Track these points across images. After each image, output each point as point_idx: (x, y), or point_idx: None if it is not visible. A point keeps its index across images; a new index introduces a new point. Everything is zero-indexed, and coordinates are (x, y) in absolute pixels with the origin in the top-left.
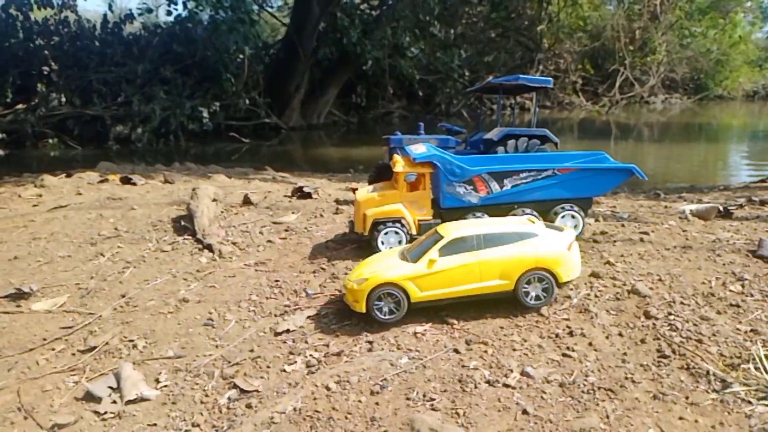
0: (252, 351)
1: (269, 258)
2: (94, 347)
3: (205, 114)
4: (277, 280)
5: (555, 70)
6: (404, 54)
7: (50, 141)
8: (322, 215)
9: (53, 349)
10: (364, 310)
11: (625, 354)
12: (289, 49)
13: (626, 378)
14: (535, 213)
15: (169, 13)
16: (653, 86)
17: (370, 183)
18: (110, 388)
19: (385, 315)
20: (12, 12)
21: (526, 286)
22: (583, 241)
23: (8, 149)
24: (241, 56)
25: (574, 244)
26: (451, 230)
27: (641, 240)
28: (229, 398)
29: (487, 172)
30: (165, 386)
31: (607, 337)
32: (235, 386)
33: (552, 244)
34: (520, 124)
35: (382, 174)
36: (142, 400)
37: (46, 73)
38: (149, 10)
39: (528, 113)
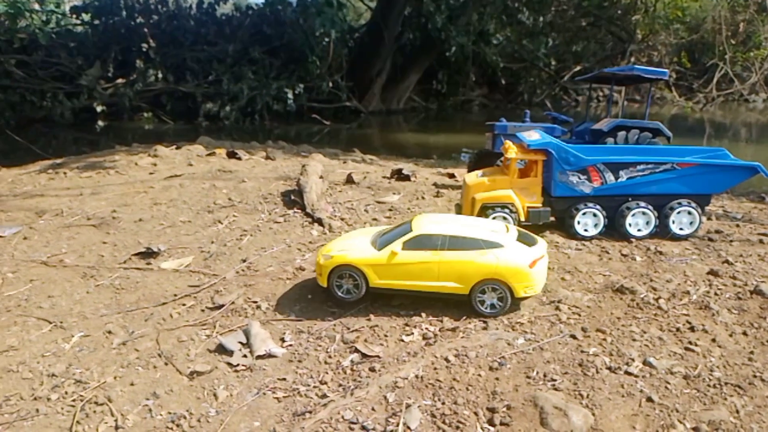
0: (369, 320)
1: None
2: (222, 305)
3: (290, 95)
4: None
5: (647, 62)
6: (489, 41)
7: (145, 115)
8: (423, 197)
9: (184, 305)
10: (325, 285)
11: (751, 353)
12: (373, 34)
13: (755, 376)
14: (649, 207)
15: None
16: (755, 83)
17: (469, 169)
18: (240, 343)
19: (344, 294)
20: None
21: (481, 293)
22: (698, 238)
23: (107, 121)
24: (327, 39)
25: (542, 260)
26: (421, 225)
27: (760, 242)
28: (351, 361)
29: (603, 162)
30: (290, 345)
31: (730, 335)
32: (356, 350)
33: (514, 258)
34: (600, 117)
35: (482, 160)
36: (270, 356)
37: (144, 50)
38: None
39: (615, 106)
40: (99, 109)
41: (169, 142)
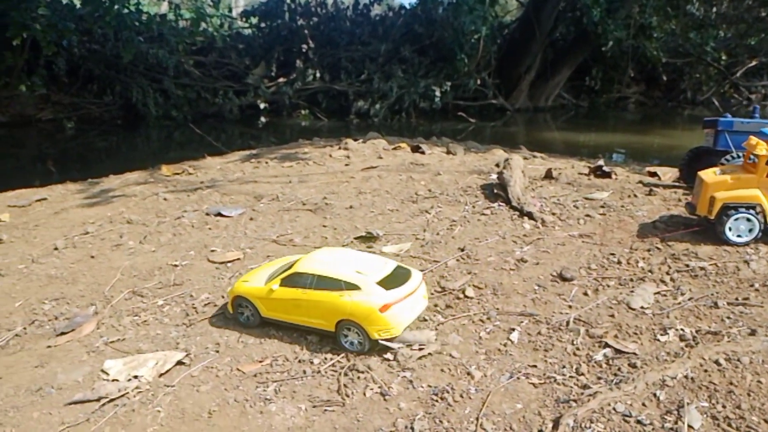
0: (612, 317)
1: (593, 232)
2: (450, 289)
3: (437, 93)
4: (612, 254)
5: None
6: (650, 35)
7: (302, 112)
8: (635, 195)
9: None
10: (232, 312)
11: None
12: (524, 29)
13: None
14: None
15: None
16: None
17: (683, 168)
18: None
19: (245, 320)
20: None
21: (345, 332)
22: None
23: (268, 117)
24: (476, 36)
25: (402, 303)
26: (300, 263)
27: None
28: (605, 355)
29: None
30: (528, 334)
31: None
32: (607, 345)
33: (365, 302)
34: None
35: (699, 158)
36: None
37: (304, 50)
38: None
39: None
40: (262, 106)
41: (325, 138)
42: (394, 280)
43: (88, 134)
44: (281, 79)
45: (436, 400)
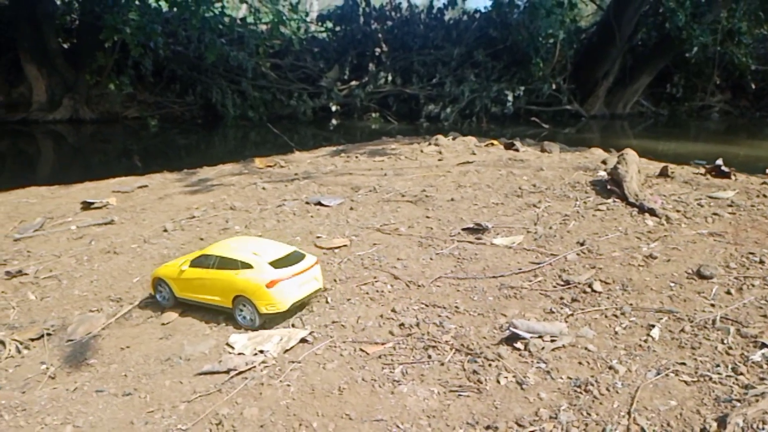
0: (765, 317)
1: (724, 231)
2: (575, 283)
3: (510, 98)
4: (751, 253)
5: None
6: (739, 40)
7: (373, 115)
8: (764, 195)
9: (530, 280)
10: (153, 293)
11: None
12: (603, 34)
13: None
14: None
15: None
16: None
17: None
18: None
19: (162, 300)
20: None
21: (240, 309)
22: None
23: (339, 119)
24: (552, 40)
25: (288, 280)
26: (209, 248)
27: None
28: (764, 355)
29: None
30: (670, 331)
31: None
32: (764, 346)
33: (254, 278)
34: None
35: None
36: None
37: (377, 54)
38: None
39: None
40: (333, 108)
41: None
42: (287, 261)
43: (170, 132)
44: (354, 82)
45: (580, 393)
